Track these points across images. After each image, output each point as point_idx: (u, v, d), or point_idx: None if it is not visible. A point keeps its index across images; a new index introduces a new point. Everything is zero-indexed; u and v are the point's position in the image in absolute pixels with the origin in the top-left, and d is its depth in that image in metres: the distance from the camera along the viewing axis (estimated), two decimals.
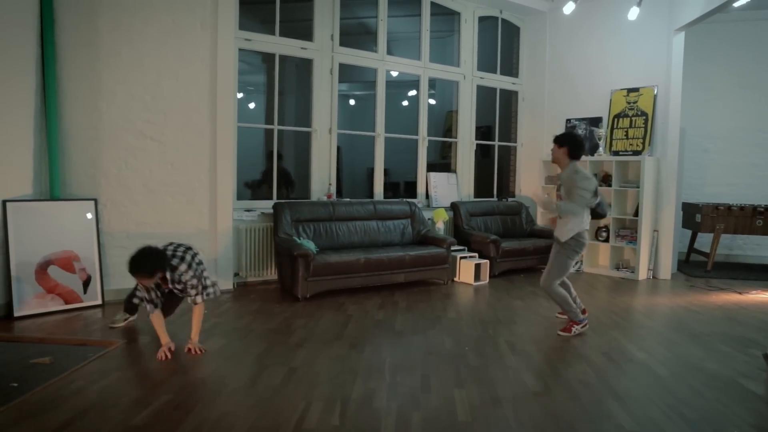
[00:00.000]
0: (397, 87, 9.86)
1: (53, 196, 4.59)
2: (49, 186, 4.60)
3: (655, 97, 6.61)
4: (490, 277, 6.26)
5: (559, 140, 4.16)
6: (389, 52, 6.83)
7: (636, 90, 6.80)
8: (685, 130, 7.16)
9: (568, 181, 4.08)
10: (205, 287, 3.61)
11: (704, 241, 7.60)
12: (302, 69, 7.46)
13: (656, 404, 2.91)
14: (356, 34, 7.81)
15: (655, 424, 2.67)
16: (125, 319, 4.17)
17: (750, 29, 7.75)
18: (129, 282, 4.92)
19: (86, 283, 4.67)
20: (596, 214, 4.22)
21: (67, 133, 4.68)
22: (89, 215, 4.74)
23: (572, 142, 4.12)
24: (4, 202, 4.28)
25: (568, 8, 6.48)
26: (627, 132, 6.84)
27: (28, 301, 4.34)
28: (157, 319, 3.56)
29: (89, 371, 3.21)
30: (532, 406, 2.87)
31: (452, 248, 6.06)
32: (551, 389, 3.10)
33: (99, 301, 4.72)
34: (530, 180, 7.85)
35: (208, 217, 5.33)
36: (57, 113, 4.60)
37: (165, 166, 5.09)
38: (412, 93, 9.59)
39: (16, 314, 4.25)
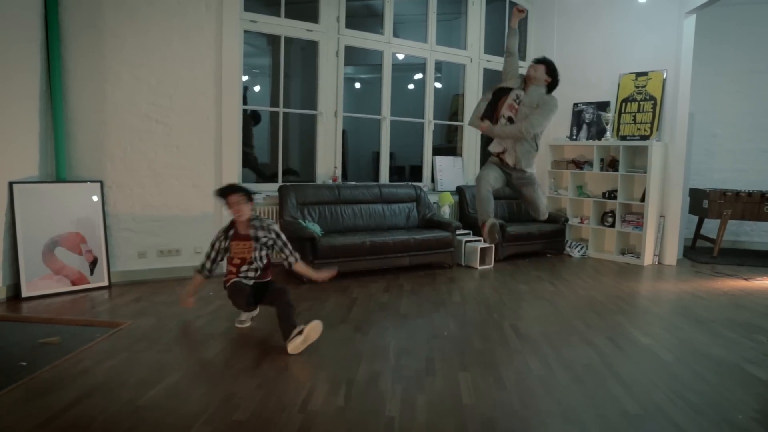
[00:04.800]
0: (403, 70, 9.77)
1: (59, 178, 4.60)
2: (55, 168, 4.61)
3: (664, 81, 6.54)
4: (496, 261, 6.26)
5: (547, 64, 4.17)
6: (395, 34, 6.76)
7: (645, 74, 6.72)
8: (694, 115, 7.08)
9: (537, 100, 4.05)
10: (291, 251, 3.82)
11: (711, 227, 7.56)
12: (308, 51, 7.40)
13: (660, 389, 2.92)
14: (362, 16, 7.73)
15: (658, 409, 2.68)
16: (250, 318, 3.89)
17: (762, 12, 7.62)
18: (135, 264, 4.97)
19: (92, 265, 4.69)
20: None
21: (72, 115, 4.68)
22: (95, 197, 4.75)
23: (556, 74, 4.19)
24: (11, 183, 4.29)
25: None
26: (635, 116, 6.77)
27: (36, 282, 4.37)
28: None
29: (96, 351, 3.24)
30: (536, 390, 2.88)
31: (457, 232, 6.06)
32: (555, 373, 3.11)
33: (105, 283, 4.75)
34: (537, 164, 7.78)
35: (213, 199, 5.33)
36: (62, 95, 4.59)
37: (170, 149, 5.09)
38: (419, 76, 9.51)
39: (24, 295, 4.28)
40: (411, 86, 10.57)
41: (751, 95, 7.76)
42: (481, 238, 6.35)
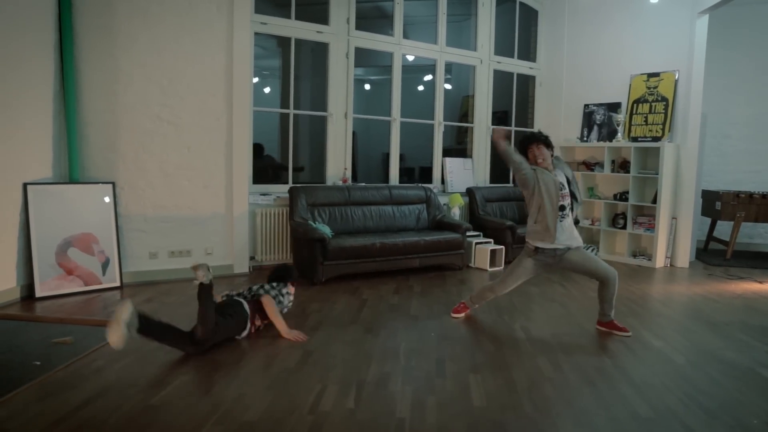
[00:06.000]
0: (413, 71, 9.77)
1: (72, 179, 4.64)
2: (68, 169, 4.65)
3: (676, 82, 6.49)
4: (506, 263, 6.23)
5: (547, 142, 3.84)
6: (405, 35, 6.76)
7: (656, 75, 6.67)
8: (707, 116, 7.02)
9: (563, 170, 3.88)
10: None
11: (724, 229, 7.48)
12: (318, 53, 7.41)
13: (673, 392, 2.89)
14: (372, 18, 7.74)
15: (671, 412, 2.65)
16: None
17: None
18: (146, 264, 5.01)
19: (105, 265, 4.73)
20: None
21: (84, 116, 4.72)
22: (107, 198, 4.79)
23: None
24: (25, 185, 4.33)
25: None
26: (647, 118, 6.73)
27: (49, 282, 4.41)
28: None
29: (109, 351, 3.24)
30: (547, 392, 2.86)
31: (467, 234, 6.04)
32: (566, 375, 3.09)
33: (117, 283, 4.78)
34: None
35: (224, 200, 5.36)
36: (75, 97, 4.63)
37: (181, 150, 5.12)
38: (428, 78, 9.51)
39: (37, 295, 4.33)
40: (421, 87, 10.57)
41: (764, 95, 7.67)
42: (491, 240, 6.34)
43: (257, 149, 5.74)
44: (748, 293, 5.25)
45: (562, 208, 3.73)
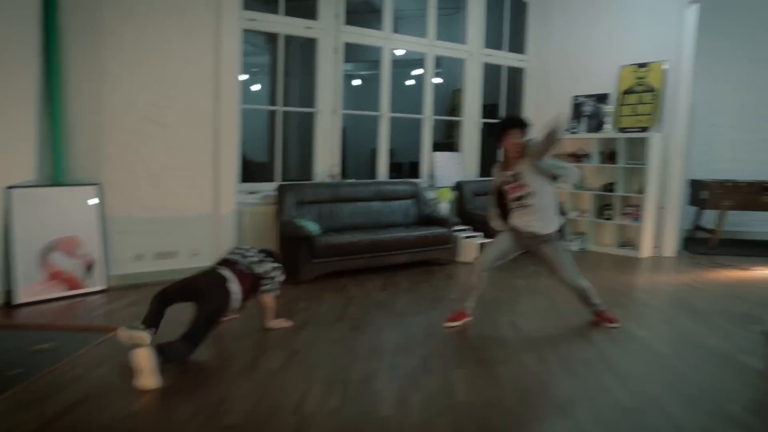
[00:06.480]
0: (403, 66, 9.73)
1: (57, 182, 4.60)
2: (52, 172, 4.61)
3: (665, 72, 6.48)
4: None
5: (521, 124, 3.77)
6: (395, 30, 6.72)
7: (645, 65, 6.67)
8: (695, 106, 7.03)
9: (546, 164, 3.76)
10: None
11: (712, 218, 7.50)
12: (306, 49, 7.38)
13: (655, 381, 2.91)
14: (361, 13, 7.69)
15: (653, 401, 2.67)
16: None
17: (764, 0, 7.54)
18: (132, 267, 4.97)
19: (89, 269, 4.69)
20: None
21: (70, 117, 4.67)
22: (92, 200, 4.75)
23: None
24: (8, 188, 4.29)
25: None
26: (636, 108, 6.72)
27: (32, 288, 4.35)
28: None
29: (90, 357, 3.22)
30: (531, 385, 2.88)
31: (455, 228, 6.04)
32: (551, 368, 3.11)
33: (102, 287, 4.74)
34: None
35: (211, 200, 5.33)
36: (60, 98, 4.58)
37: (168, 150, 5.07)
38: (418, 72, 9.48)
39: (19, 301, 4.25)
40: (411, 82, 10.54)
41: (752, 84, 7.67)
42: (481, 233, 6.33)
43: None
44: (732, 281, 5.28)
45: (519, 198, 3.76)
